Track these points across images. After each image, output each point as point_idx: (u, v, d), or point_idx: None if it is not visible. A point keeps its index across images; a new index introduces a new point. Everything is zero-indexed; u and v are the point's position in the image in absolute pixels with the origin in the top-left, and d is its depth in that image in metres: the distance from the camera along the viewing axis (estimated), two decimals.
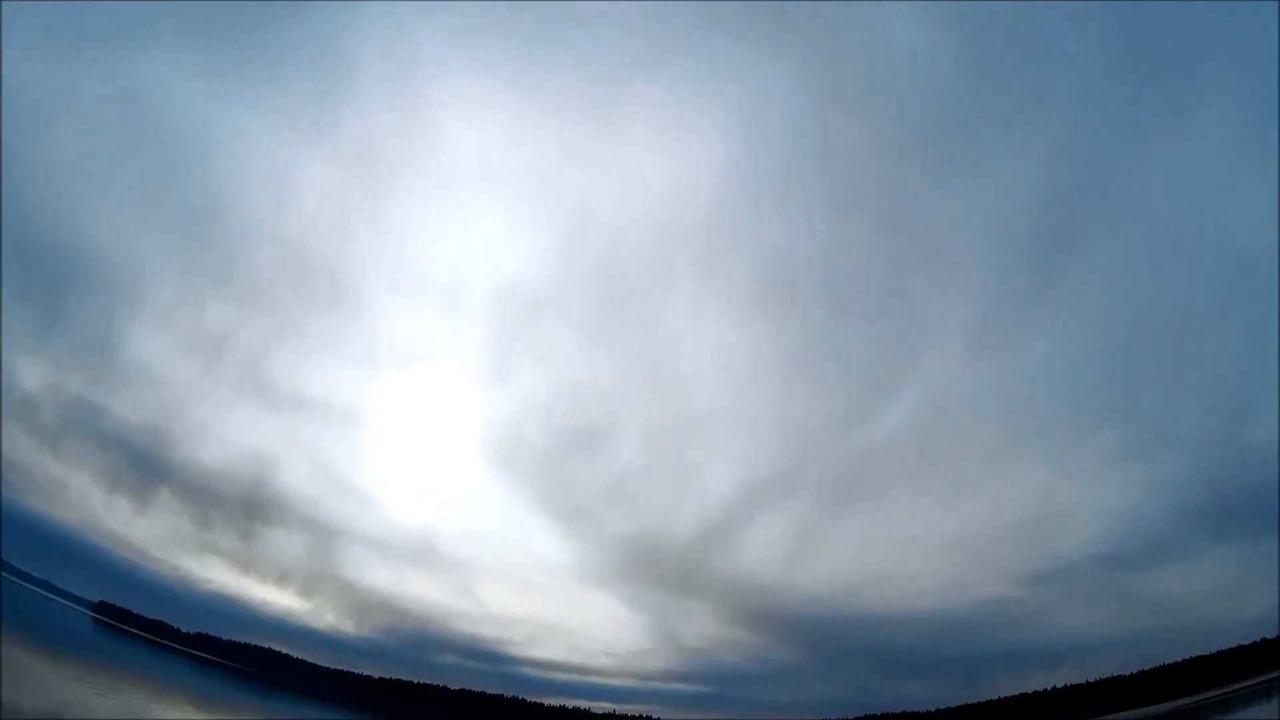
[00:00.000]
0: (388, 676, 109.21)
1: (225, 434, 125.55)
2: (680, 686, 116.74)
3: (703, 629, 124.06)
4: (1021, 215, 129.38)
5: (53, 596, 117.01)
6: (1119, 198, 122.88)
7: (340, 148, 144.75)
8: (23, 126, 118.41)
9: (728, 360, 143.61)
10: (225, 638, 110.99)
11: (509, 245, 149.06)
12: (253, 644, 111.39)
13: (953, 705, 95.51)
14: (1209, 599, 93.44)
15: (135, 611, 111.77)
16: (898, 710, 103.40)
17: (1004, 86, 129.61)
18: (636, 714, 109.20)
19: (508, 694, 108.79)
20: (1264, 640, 75.03)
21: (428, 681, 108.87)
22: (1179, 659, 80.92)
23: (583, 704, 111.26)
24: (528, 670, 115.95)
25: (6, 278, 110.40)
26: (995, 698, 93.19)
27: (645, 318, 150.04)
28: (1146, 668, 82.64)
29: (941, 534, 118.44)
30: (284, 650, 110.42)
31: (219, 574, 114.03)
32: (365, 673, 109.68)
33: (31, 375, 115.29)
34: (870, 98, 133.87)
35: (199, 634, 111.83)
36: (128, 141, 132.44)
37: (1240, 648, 77.34)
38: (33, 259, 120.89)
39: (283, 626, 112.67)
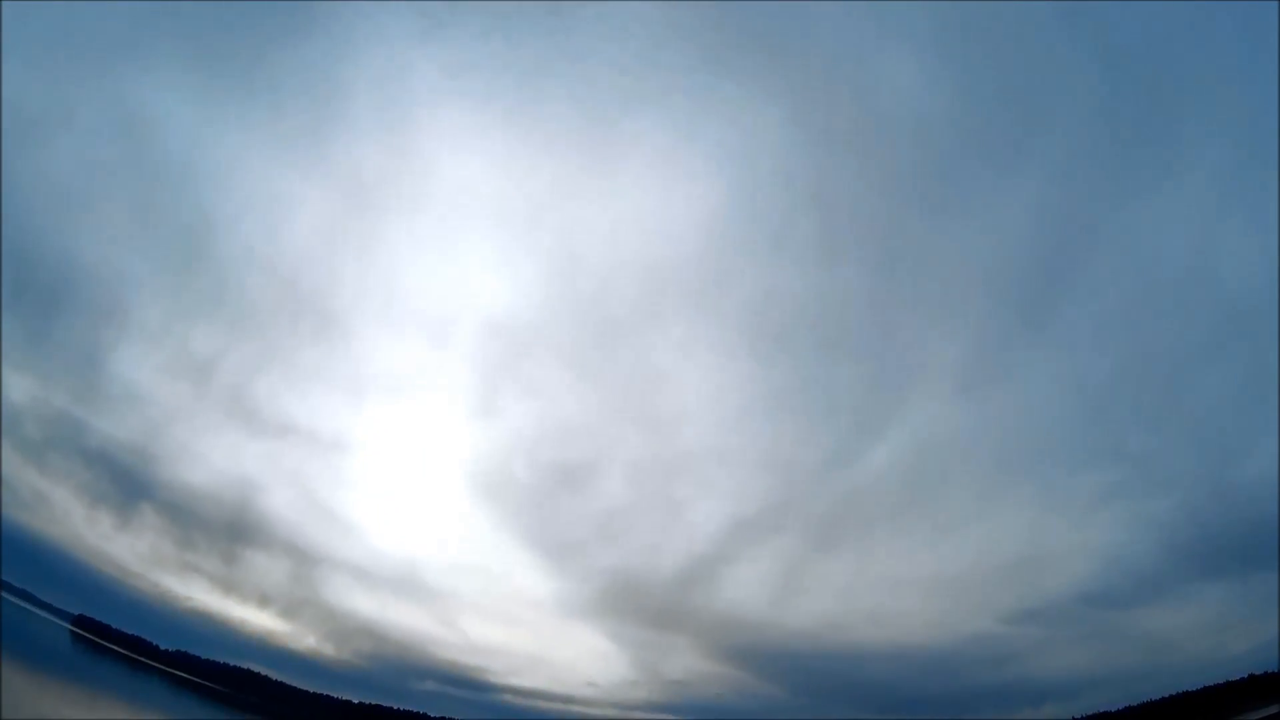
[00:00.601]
0: (367, 702, 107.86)
1: (210, 456, 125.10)
2: (663, 718, 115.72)
3: (686, 663, 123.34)
4: (1010, 257, 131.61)
5: (33, 609, 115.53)
6: (1108, 241, 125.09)
7: (332, 177, 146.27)
8: (17, 143, 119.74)
9: (715, 399, 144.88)
10: (204, 656, 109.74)
11: (498, 280, 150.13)
12: (231, 664, 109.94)
13: None
14: (1195, 636, 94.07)
15: (114, 627, 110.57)
16: None
17: (994, 130, 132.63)
18: None
19: None
20: (1251, 676, 74.92)
21: (408, 709, 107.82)
22: (1165, 695, 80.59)
23: None
24: (509, 698, 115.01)
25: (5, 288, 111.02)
26: None
27: (633, 355, 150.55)
28: (1134, 703, 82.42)
29: (928, 572, 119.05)
30: (262, 672, 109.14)
31: (200, 593, 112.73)
32: (344, 697, 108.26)
33: (18, 389, 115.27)
34: (861, 140, 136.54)
35: (178, 651, 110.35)
36: (122, 162, 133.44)
37: (1228, 683, 77.33)
38: (23, 274, 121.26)
39: (262, 648, 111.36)
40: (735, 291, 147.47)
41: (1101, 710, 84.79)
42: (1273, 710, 69.47)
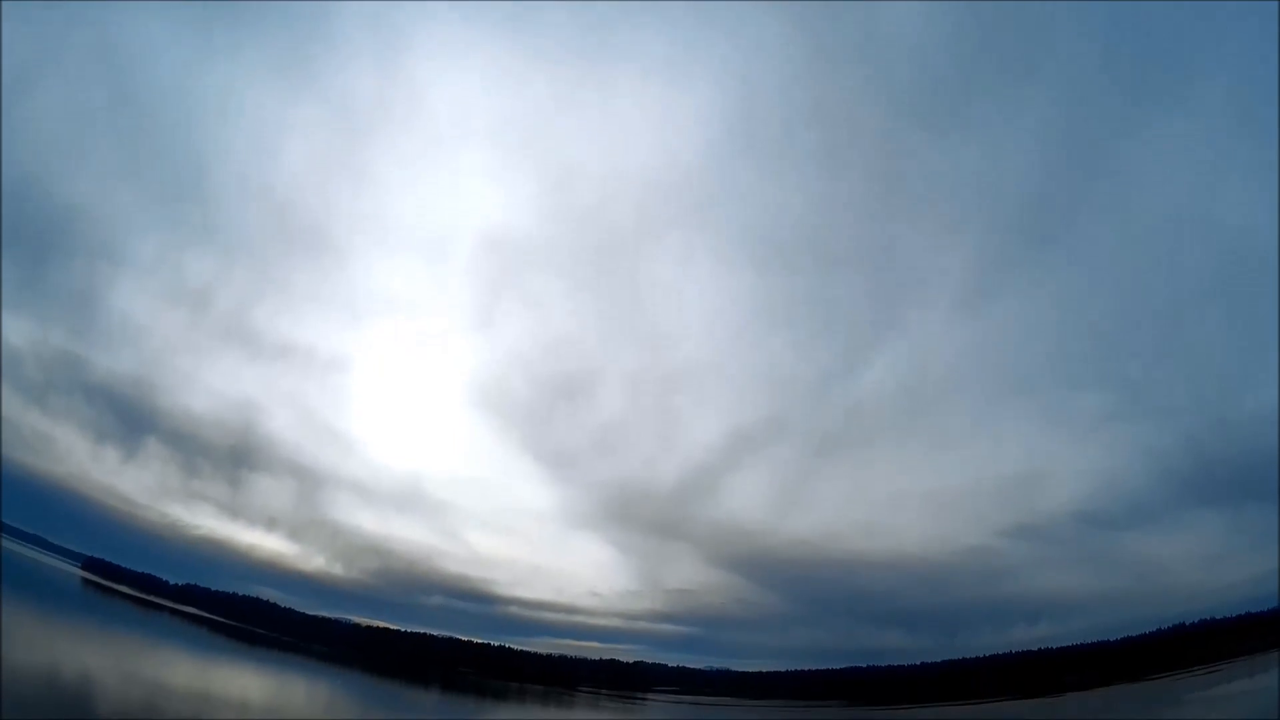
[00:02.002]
0: (374, 625, 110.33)
1: (211, 383, 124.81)
2: (666, 628, 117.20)
3: (688, 572, 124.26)
4: (1012, 178, 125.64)
5: (43, 554, 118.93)
6: (1112, 168, 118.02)
7: (322, 99, 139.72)
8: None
9: (714, 312, 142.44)
10: (214, 588, 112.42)
11: (494, 195, 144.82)
12: (240, 594, 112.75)
13: (937, 660, 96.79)
14: (1190, 565, 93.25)
15: (124, 566, 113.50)
16: (881, 665, 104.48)
17: (999, 49, 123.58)
18: (620, 655, 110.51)
19: (494, 642, 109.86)
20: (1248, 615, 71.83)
21: (414, 629, 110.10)
22: (1164, 627, 79.85)
23: (569, 643, 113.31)
24: (515, 610, 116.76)
25: None
26: (979, 656, 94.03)
27: (631, 268, 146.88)
28: (1132, 634, 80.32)
29: (924, 486, 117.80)
30: (271, 599, 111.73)
31: (207, 521, 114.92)
32: (352, 619, 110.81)
33: (16, 331, 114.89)
34: (863, 54, 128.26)
35: (187, 585, 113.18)
36: (107, 97, 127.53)
37: (1228, 619, 74.41)
38: (14, 216, 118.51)
39: (271, 573, 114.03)
40: (734, 205, 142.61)
41: (1100, 640, 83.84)
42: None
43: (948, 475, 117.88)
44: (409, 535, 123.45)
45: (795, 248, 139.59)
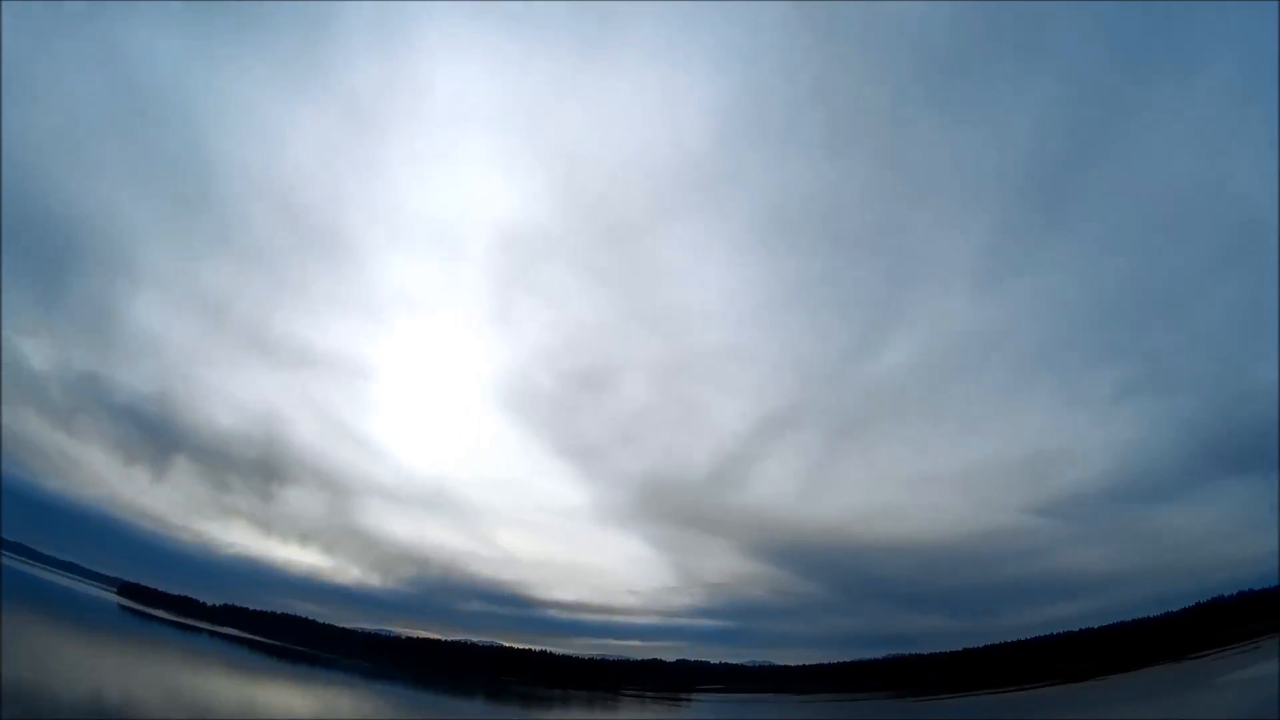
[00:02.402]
0: (415, 635, 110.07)
1: (235, 395, 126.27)
2: (706, 622, 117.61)
3: (724, 564, 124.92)
4: (1022, 155, 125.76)
5: (79, 580, 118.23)
6: (1121, 143, 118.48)
7: (328, 98, 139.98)
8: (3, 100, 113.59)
9: (730, 296, 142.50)
10: (251, 607, 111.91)
11: (505, 188, 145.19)
12: (278, 612, 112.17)
13: (977, 645, 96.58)
14: (1219, 535, 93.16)
15: (160, 589, 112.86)
16: (923, 652, 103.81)
17: (1005, 27, 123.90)
18: (664, 652, 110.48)
19: (535, 646, 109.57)
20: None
21: (455, 638, 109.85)
22: (1200, 601, 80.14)
23: (610, 643, 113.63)
24: (554, 613, 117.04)
25: (6, 256, 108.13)
26: (1019, 638, 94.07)
27: (646, 256, 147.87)
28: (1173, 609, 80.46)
29: (949, 466, 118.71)
30: (310, 614, 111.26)
31: (240, 537, 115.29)
32: (393, 631, 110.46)
33: (36, 354, 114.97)
34: (867, 33, 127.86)
35: (224, 605, 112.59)
36: (111, 107, 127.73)
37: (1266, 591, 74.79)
38: (24, 237, 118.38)
39: (308, 587, 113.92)
40: (744, 188, 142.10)
41: (1138, 617, 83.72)
42: None
43: (972, 454, 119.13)
44: (443, 540, 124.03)
45: (807, 230, 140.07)
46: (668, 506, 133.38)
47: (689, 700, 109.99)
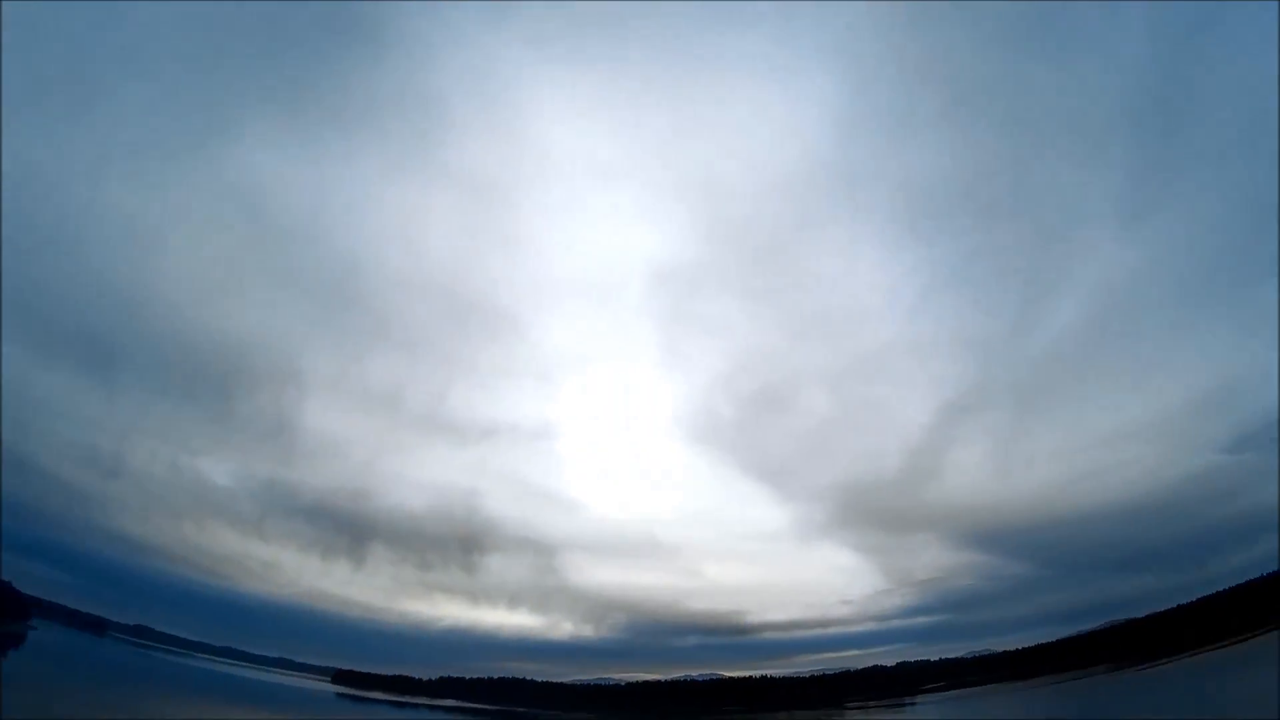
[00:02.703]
0: (634, 679, 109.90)
1: (422, 478, 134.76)
2: (921, 620, 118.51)
3: (929, 559, 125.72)
4: (1135, 86, 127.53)
5: (292, 674, 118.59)
6: (1231, 52, 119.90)
7: (452, 181, 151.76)
8: (148, 248, 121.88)
9: (887, 291, 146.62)
10: (468, 676, 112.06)
11: (646, 229, 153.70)
12: (495, 677, 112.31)
13: (1190, 599, 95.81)
14: None
15: (374, 671, 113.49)
16: (1138, 616, 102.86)
17: None
18: (883, 657, 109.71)
19: (754, 673, 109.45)
20: None
21: (674, 677, 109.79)
22: None
23: (829, 656, 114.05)
24: (769, 635, 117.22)
25: (175, 387, 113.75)
26: (1231, 586, 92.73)
27: (797, 267, 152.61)
28: None
29: (1135, 418, 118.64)
30: (527, 674, 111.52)
31: (449, 610, 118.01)
32: (612, 679, 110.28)
33: (218, 472, 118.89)
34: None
35: (441, 679, 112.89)
36: (246, 230, 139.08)
37: None
38: (191, 363, 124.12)
39: (522, 646, 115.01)
40: (876, 179, 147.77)
41: None
42: None
43: (1154, 401, 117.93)
44: (650, 581, 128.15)
45: (947, 208, 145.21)
46: (866, 511, 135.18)
47: (913, 703, 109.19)
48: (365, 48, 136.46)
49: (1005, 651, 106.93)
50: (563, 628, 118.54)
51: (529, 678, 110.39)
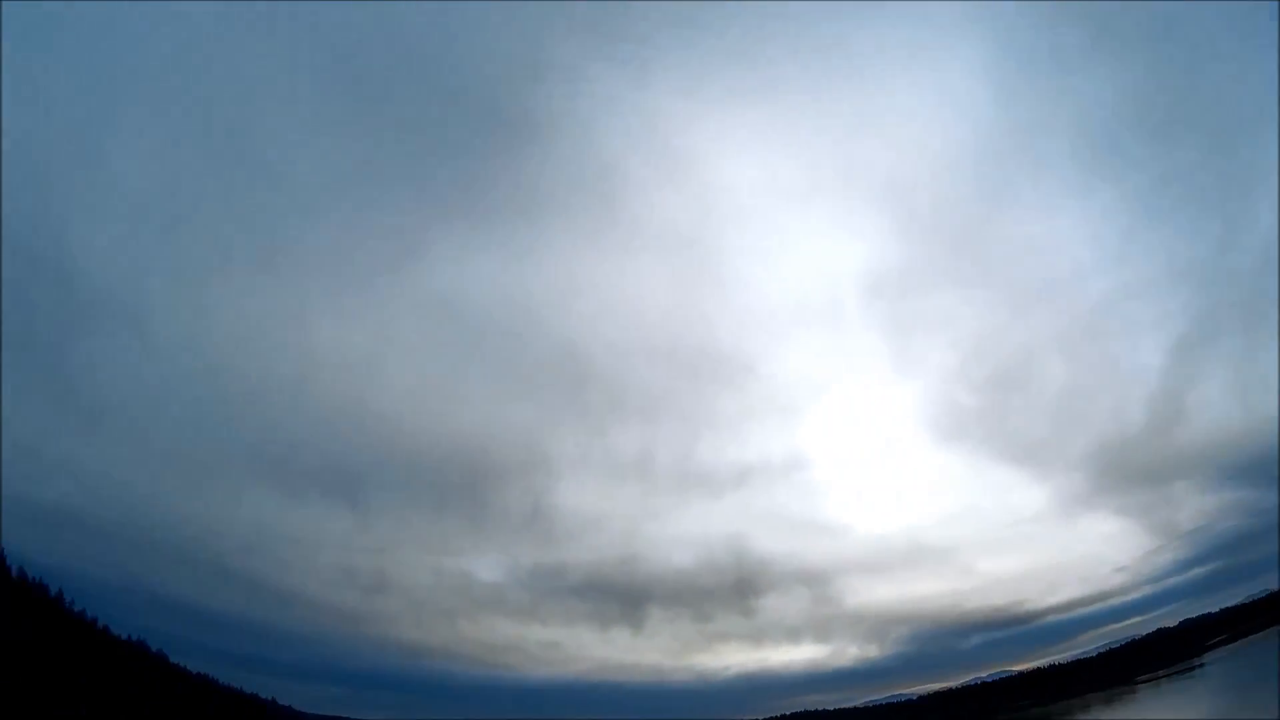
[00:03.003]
0: (926, 690, 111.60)
1: (686, 533, 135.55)
2: (1195, 573, 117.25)
3: (1192, 507, 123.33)
4: None
5: None
6: None
7: (648, 240, 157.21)
8: (368, 374, 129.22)
9: (1090, 239, 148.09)
10: (760, 718, 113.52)
11: (845, 244, 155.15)
12: (787, 713, 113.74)
13: None
14: None
15: None
16: None
17: None
18: (1165, 619, 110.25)
19: (1042, 663, 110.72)
20: None
21: (963, 681, 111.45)
22: None
23: (1112, 628, 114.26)
24: (1051, 619, 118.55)
25: (426, 498, 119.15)
26: None
27: (999, 240, 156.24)
28: None
29: None
30: (818, 706, 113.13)
31: (733, 657, 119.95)
32: (903, 694, 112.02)
33: (488, 569, 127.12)
34: None
35: None
36: (458, 336, 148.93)
37: None
38: (437, 473, 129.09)
39: (810, 679, 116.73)
40: (1045, 130, 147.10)
41: None
42: None
43: None
44: (926, 590, 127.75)
45: (1124, 141, 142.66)
46: (1121, 470, 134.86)
47: (1200, 664, 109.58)
48: (525, 138, 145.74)
49: None
50: (848, 653, 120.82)
51: (821, 708, 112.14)
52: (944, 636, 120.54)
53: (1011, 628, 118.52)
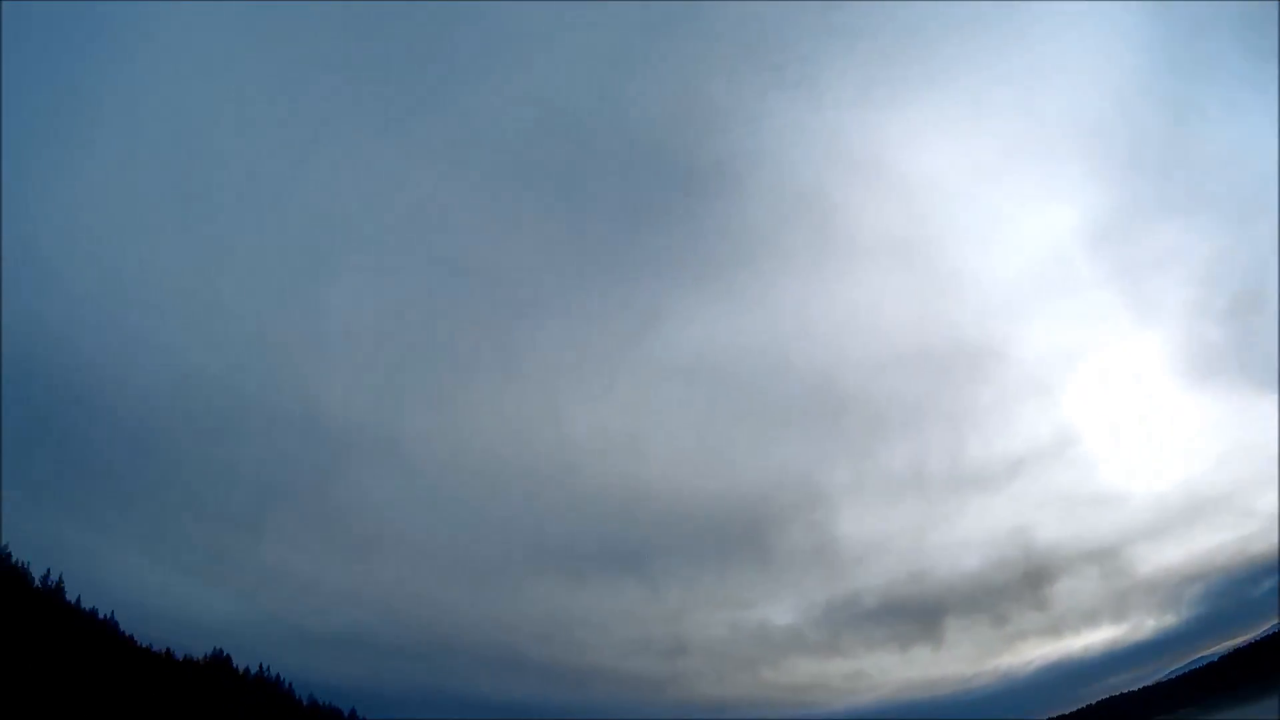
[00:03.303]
0: (1229, 648, 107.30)
1: (969, 536, 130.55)
2: None
3: None
4: None
5: None
6: None
7: (865, 255, 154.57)
8: (631, 455, 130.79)
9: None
10: (1069, 710, 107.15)
11: (1052, 205, 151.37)
12: (1093, 701, 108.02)
13: None
14: None
15: None
16: None
17: None
18: None
19: None
20: None
21: (1261, 634, 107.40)
22: None
23: None
24: None
25: (708, 558, 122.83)
26: None
27: (1200, 155, 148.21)
28: None
29: None
30: (1121, 689, 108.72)
31: (1035, 652, 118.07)
32: (1206, 656, 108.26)
33: (780, 612, 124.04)
34: None
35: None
36: (706, 396, 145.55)
37: None
38: (714, 532, 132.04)
39: (1111, 659, 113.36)
40: (1217, 18, 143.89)
41: None
42: None
43: None
44: (1211, 542, 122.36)
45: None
46: None
47: None
48: (723, 187, 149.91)
49: None
50: (1145, 626, 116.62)
51: (1125, 690, 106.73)
52: (1236, 588, 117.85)
53: None
